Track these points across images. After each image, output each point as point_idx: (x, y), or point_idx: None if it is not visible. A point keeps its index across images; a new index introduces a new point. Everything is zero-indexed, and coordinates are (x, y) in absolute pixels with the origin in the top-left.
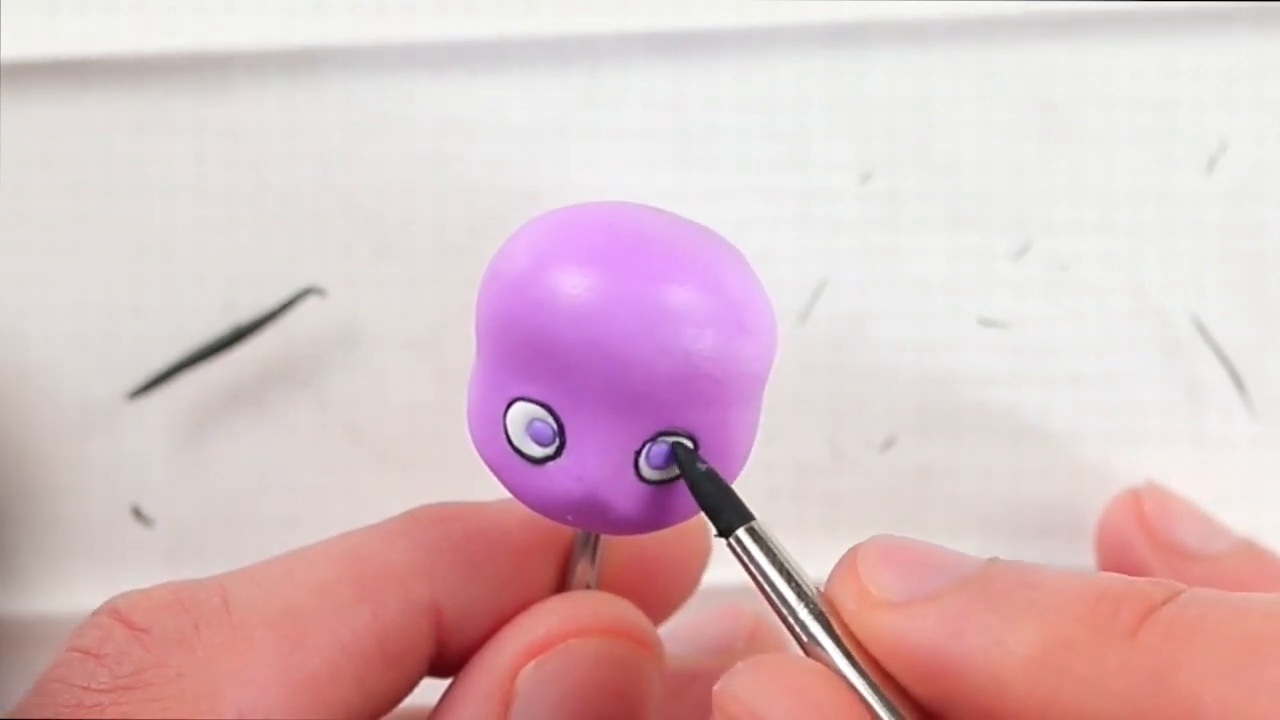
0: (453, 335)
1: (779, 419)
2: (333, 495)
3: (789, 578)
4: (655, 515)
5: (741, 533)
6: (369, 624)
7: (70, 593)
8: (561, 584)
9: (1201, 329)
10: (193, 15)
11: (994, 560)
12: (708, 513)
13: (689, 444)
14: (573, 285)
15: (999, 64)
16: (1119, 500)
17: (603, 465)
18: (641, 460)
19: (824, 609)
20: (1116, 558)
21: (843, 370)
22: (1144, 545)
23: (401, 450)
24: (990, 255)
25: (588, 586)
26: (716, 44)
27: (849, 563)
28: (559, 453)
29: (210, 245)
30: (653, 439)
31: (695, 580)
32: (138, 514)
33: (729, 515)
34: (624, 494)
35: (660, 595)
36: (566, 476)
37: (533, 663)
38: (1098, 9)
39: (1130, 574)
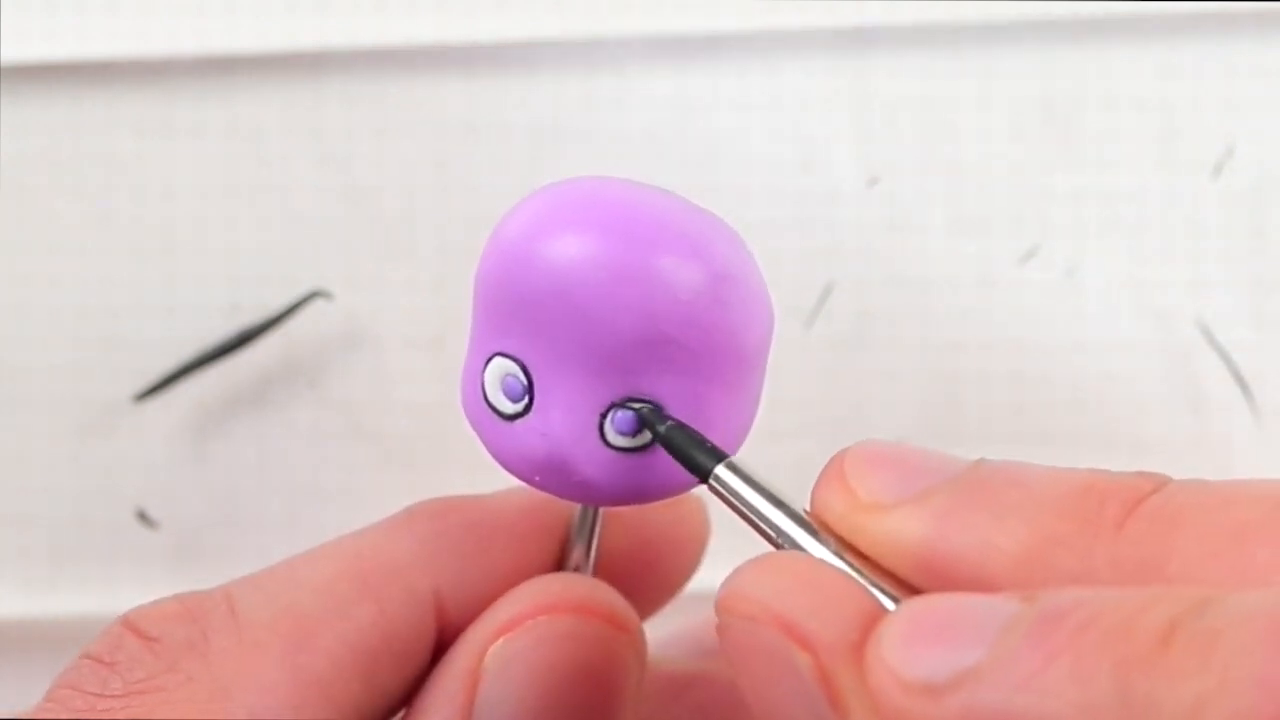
0: (456, 336)
1: (783, 419)
2: (339, 497)
3: (776, 503)
4: (625, 485)
5: (719, 470)
6: (373, 620)
7: (75, 595)
8: (558, 571)
9: (1207, 332)
10: (194, 17)
11: (981, 460)
12: (682, 463)
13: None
14: (553, 242)
15: (1004, 67)
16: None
17: (567, 424)
18: (607, 424)
19: (815, 526)
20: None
21: (848, 372)
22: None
23: (407, 451)
24: (996, 258)
25: (577, 570)
26: (718, 47)
27: (835, 468)
28: (528, 410)
29: (214, 247)
30: (620, 404)
31: (694, 564)
32: (143, 517)
33: (702, 460)
34: (589, 457)
35: (659, 579)
36: (532, 434)
37: (500, 640)
38: (1102, 12)
39: None
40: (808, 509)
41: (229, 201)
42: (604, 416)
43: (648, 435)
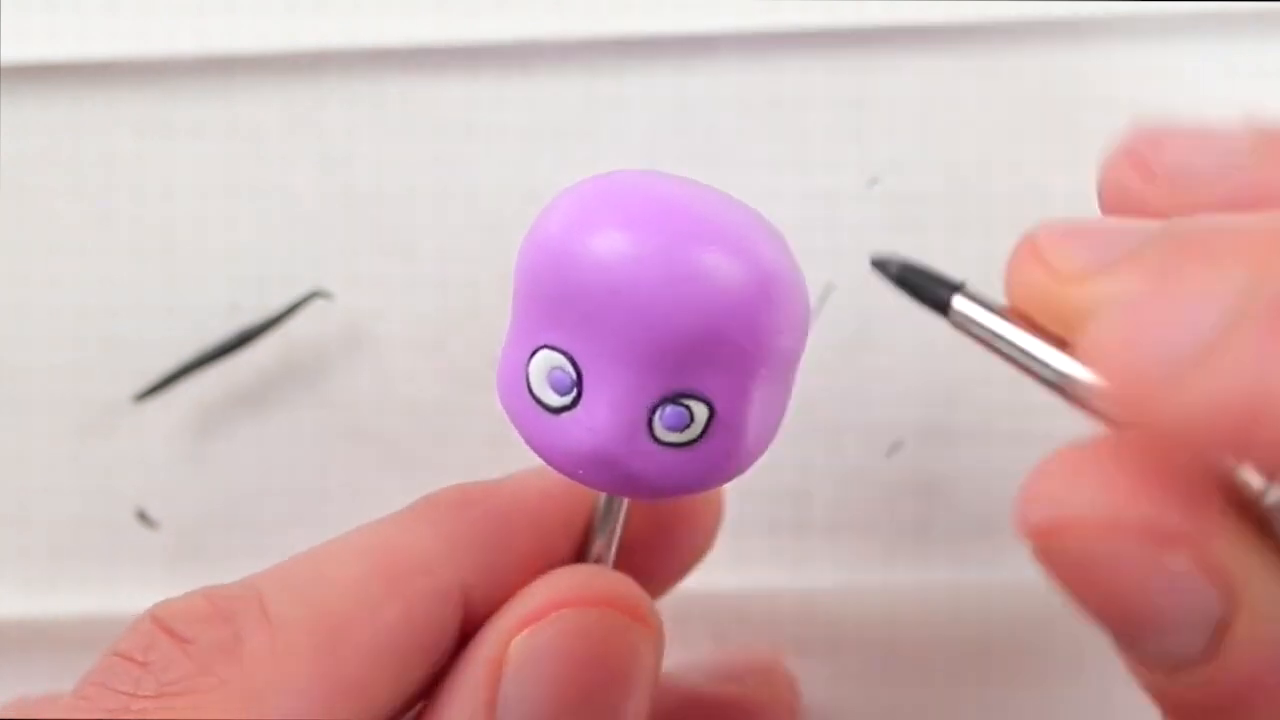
0: (456, 336)
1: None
2: (338, 497)
3: (1015, 321)
4: (673, 479)
5: (956, 301)
6: (401, 617)
7: (75, 595)
8: (580, 559)
9: None
10: (194, 17)
11: (1174, 219)
12: (921, 299)
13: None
14: (604, 234)
15: (1004, 67)
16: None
17: (615, 419)
18: (656, 419)
19: (1057, 341)
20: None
21: (848, 374)
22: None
23: (407, 451)
24: (996, 259)
25: (599, 561)
26: (718, 47)
27: (1027, 250)
28: (576, 403)
29: (214, 247)
30: (671, 399)
31: (708, 542)
32: (143, 517)
33: (939, 291)
34: (636, 452)
35: (674, 556)
36: (579, 428)
37: (524, 632)
38: (1102, 12)
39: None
40: (1007, 304)
41: (229, 201)
42: (653, 412)
43: (696, 430)
